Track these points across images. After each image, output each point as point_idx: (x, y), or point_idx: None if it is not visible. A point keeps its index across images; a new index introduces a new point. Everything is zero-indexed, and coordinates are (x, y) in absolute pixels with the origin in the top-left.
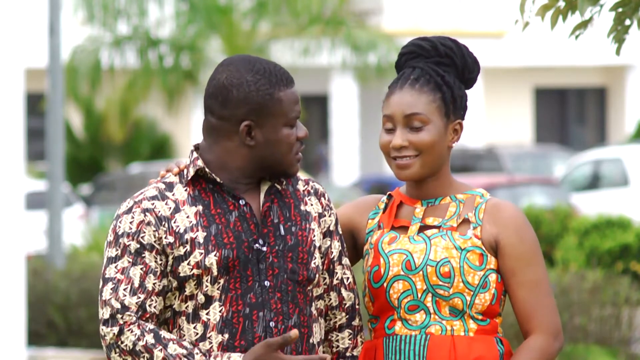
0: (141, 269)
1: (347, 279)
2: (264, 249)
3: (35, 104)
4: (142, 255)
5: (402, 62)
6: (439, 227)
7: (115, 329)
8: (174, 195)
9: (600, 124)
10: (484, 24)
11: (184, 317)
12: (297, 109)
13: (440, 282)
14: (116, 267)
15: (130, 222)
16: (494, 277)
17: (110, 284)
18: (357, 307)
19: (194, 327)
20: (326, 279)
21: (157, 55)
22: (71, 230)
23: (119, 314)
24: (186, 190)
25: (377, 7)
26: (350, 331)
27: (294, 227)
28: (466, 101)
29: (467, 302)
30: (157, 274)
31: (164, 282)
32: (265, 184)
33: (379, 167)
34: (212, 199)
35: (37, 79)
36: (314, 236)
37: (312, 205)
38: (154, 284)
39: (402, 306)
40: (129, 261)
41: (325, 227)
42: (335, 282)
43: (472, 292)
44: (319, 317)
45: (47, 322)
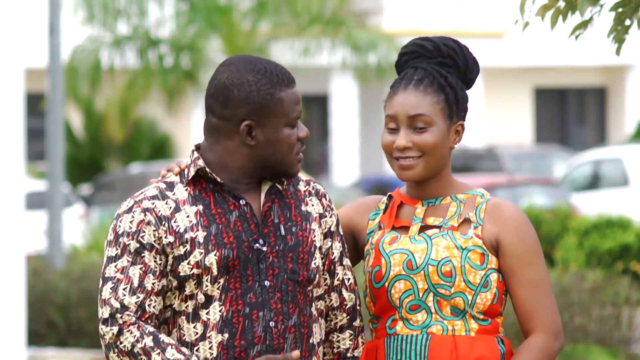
0: (140, 268)
1: (348, 279)
2: (264, 248)
3: (35, 104)
4: (142, 254)
5: (403, 62)
6: (439, 227)
7: (114, 328)
8: (174, 194)
9: (600, 124)
10: (484, 24)
11: (184, 317)
12: (298, 109)
13: (441, 282)
14: (116, 267)
15: (130, 222)
16: (495, 276)
17: (109, 283)
18: (358, 308)
19: (194, 327)
20: (327, 279)
21: (157, 55)
22: (71, 230)
23: (118, 314)
24: (187, 190)
25: (377, 7)
26: (351, 332)
27: (294, 228)
28: (467, 102)
29: (469, 302)
30: (157, 273)
31: (164, 281)
32: (266, 184)
33: (379, 167)
34: (212, 198)
35: (37, 79)
36: (315, 236)
37: (312, 205)
38: (153, 284)
39: (403, 306)
40: (129, 260)
41: (326, 228)
42: (336, 282)
43: (473, 292)
44: (319, 318)
45: (47, 322)
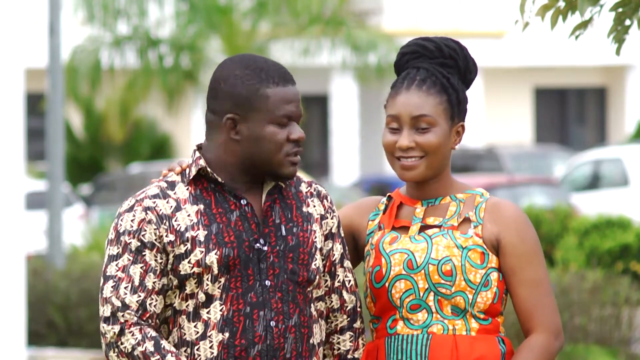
0: (141, 267)
1: (349, 281)
2: (265, 248)
3: (35, 104)
4: (143, 253)
5: (403, 62)
6: (439, 227)
7: (116, 327)
8: (175, 194)
9: (600, 124)
10: (484, 24)
11: (184, 316)
12: (288, 109)
13: (442, 281)
14: (117, 265)
15: (131, 220)
16: (495, 275)
17: (111, 282)
18: (358, 309)
19: (195, 326)
20: (327, 281)
21: (157, 55)
22: (71, 230)
23: (119, 312)
24: (188, 189)
25: (377, 7)
26: (351, 334)
27: (295, 228)
28: (467, 103)
29: (469, 301)
30: (157, 272)
31: (164, 280)
32: (268, 184)
33: (379, 167)
34: (213, 198)
35: (37, 79)
36: (315, 237)
37: (314, 207)
38: (154, 283)
39: (404, 305)
40: (129, 259)
41: (327, 230)
42: (336, 284)
43: (474, 291)
44: (320, 319)
45: (47, 322)
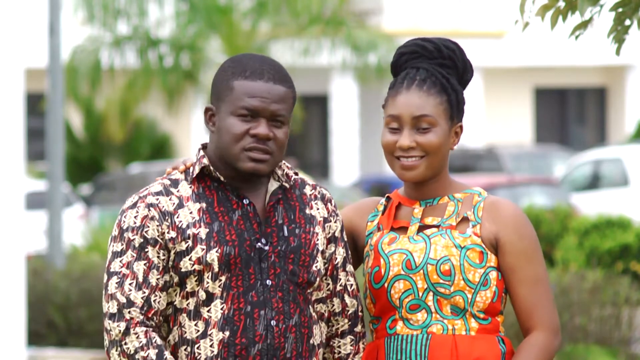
0: (145, 264)
1: (351, 285)
2: (266, 248)
3: (35, 104)
4: (146, 250)
5: (402, 62)
6: (438, 227)
7: (121, 324)
8: (178, 191)
9: (600, 124)
10: (484, 24)
11: (185, 315)
12: (249, 102)
13: (441, 280)
14: (121, 262)
15: (134, 217)
16: (494, 274)
17: (115, 278)
18: (360, 313)
19: (195, 325)
20: (329, 284)
21: (157, 55)
22: (71, 230)
23: (125, 309)
24: (191, 187)
25: (377, 7)
26: (352, 337)
27: (297, 229)
28: (465, 104)
29: (469, 300)
30: (160, 269)
31: (166, 277)
32: (272, 184)
33: (379, 167)
34: (216, 196)
35: (37, 79)
36: (317, 240)
37: (318, 209)
38: (157, 279)
39: (403, 306)
40: (133, 255)
41: (330, 233)
42: (338, 288)
43: (473, 290)
44: (320, 320)
45: (47, 322)
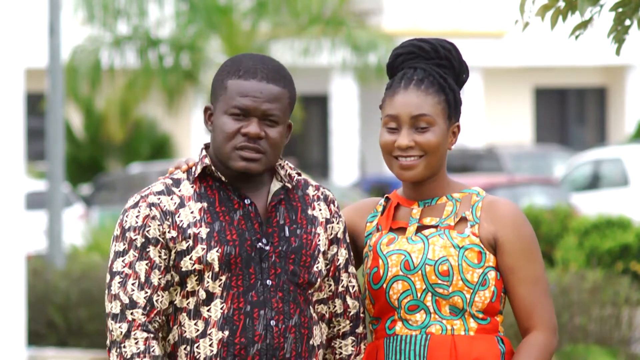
0: (146, 264)
1: (353, 287)
2: (267, 248)
3: (35, 104)
4: (147, 249)
5: (398, 62)
6: (436, 227)
7: (123, 326)
8: (180, 191)
9: (600, 124)
10: (484, 24)
11: (185, 314)
12: (241, 101)
13: (439, 281)
14: (123, 261)
15: (136, 217)
16: (493, 274)
17: (118, 278)
18: (361, 315)
19: (195, 324)
20: (331, 286)
21: (157, 55)
22: (71, 230)
23: (128, 310)
24: (192, 187)
25: (377, 7)
26: (353, 338)
27: (299, 230)
28: (462, 104)
29: (467, 300)
30: (161, 269)
31: (168, 277)
32: (274, 185)
33: (379, 167)
34: (217, 196)
35: (37, 79)
36: (319, 241)
37: (320, 210)
38: (159, 279)
39: (402, 306)
40: (135, 255)
41: (332, 234)
42: (340, 289)
43: (471, 290)
44: (320, 321)
45: (47, 322)
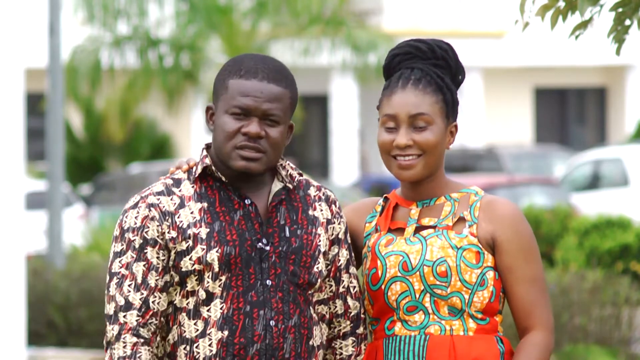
0: (144, 265)
1: (354, 287)
2: (267, 248)
3: (35, 104)
4: (145, 250)
5: (395, 63)
6: (434, 227)
7: (115, 328)
8: (180, 191)
9: (600, 124)
10: (484, 24)
11: (184, 314)
12: (242, 101)
13: (437, 282)
14: (120, 262)
15: (135, 217)
16: (491, 274)
17: (115, 279)
18: (362, 316)
19: (195, 324)
20: (332, 286)
21: (157, 55)
22: (71, 230)
23: (121, 312)
24: (193, 187)
25: (377, 7)
26: (354, 339)
27: (299, 230)
28: (459, 105)
29: (466, 301)
30: (159, 270)
31: (166, 277)
32: (275, 185)
33: (379, 167)
34: (217, 196)
35: (37, 79)
36: (320, 241)
37: (321, 211)
38: (156, 280)
39: (400, 307)
40: (133, 256)
41: (333, 234)
42: (341, 290)
43: (470, 291)
44: (320, 322)
45: (47, 322)
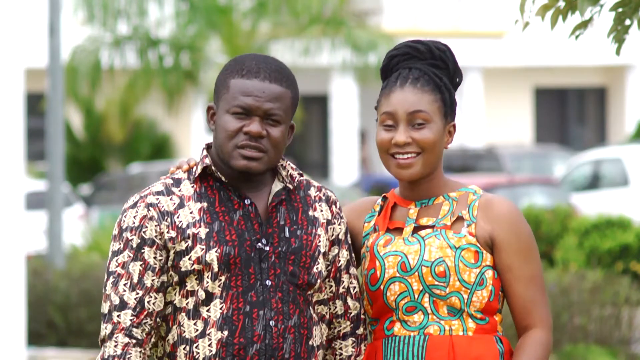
0: (140, 264)
1: (354, 288)
2: (267, 248)
3: (35, 104)
4: (142, 250)
5: (393, 64)
6: (433, 227)
7: (108, 327)
8: (180, 190)
9: (600, 124)
10: (484, 24)
11: (184, 314)
12: (243, 100)
13: (436, 282)
14: (117, 261)
15: (133, 217)
16: (490, 273)
17: (111, 278)
18: (362, 316)
19: (194, 324)
20: (332, 287)
21: (157, 55)
22: (71, 230)
23: (115, 311)
24: (193, 186)
25: (377, 7)
26: (354, 339)
27: (299, 231)
28: (457, 106)
29: (465, 300)
30: (156, 270)
31: (163, 278)
32: (276, 185)
33: (379, 167)
34: (217, 196)
35: (37, 79)
36: (320, 242)
37: (321, 211)
38: (152, 281)
39: (400, 308)
40: (129, 256)
41: (333, 235)
42: (341, 290)
43: (469, 290)
44: (320, 322)
45: (47, 322)
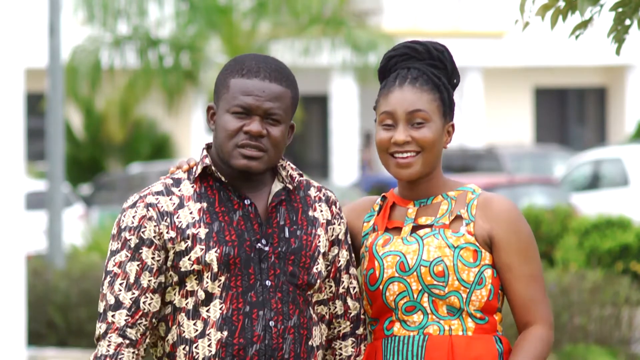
0: (138, 264)
1: (354, 288)
2: (267, 248)
3: (35, 104)
4: (140, 250)
5: (391, 65)
6: (431, 226)
7: (102, 326)
8: (180, 190)
9: (600, 124)
10: (484, 24)
11: (184, 314)
12: (243, 99)
13: (435, 282)
14: (114, 261)
15: (132, 217)
16: (489, 272)
17: (108, 277)
18: (362, 316)
19: (194, 324)
20: (332, 287)
21: (157, 55)
22: (71, 230)
23: (110, 311)
24: (193, 187)
25: (377, 7)
26: (353, 339)
27: (299, 231)
28: (455, 106)
29: (464, 300)
30: (153, 270)
31: (161, 278)
32: (276, 185)
33: (379, 167)
34: (217, 196)
35: (37, 79)
36: (319, 242)
37: (321, 212)
38: (149, 281)
39: (399, 307)
40: (127, 255)
41: (333, 235)
42: (341, 290)
43: (468, 290)
44: (320, 322)
45: (47, 322)
